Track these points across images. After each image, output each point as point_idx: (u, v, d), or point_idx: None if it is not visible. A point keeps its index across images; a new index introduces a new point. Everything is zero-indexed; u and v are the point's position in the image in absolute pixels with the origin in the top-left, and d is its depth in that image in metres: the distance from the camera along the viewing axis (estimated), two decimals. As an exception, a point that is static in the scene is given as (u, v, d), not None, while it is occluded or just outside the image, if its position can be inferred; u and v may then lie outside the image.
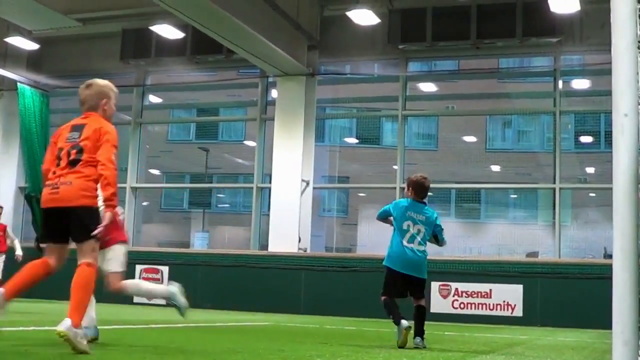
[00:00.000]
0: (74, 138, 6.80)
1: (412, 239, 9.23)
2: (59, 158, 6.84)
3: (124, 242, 8.37)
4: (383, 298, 9.44)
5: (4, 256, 19.93)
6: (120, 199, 27.65)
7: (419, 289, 9.46)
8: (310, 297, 21.01)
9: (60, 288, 7.86)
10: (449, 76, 24.09)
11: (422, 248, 9.31)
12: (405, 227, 9.24)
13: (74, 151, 6.72)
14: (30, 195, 24.84)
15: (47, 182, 6.79)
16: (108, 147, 6.62)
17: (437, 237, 9.52)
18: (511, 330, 15.95)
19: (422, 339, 9.11)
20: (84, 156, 6.63)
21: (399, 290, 9.40)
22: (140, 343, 8.24)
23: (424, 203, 9.48)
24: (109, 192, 6.49)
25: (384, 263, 9.42)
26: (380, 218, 9.63)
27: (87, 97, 7.07)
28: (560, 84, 21.46)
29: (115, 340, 8.40)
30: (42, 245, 21.20)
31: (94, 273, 6.68)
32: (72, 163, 6.65)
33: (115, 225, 7.19)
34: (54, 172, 6.76)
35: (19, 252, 19.28)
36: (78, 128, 6.85)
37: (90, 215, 6.54)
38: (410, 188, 9.48)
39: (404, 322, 8.97)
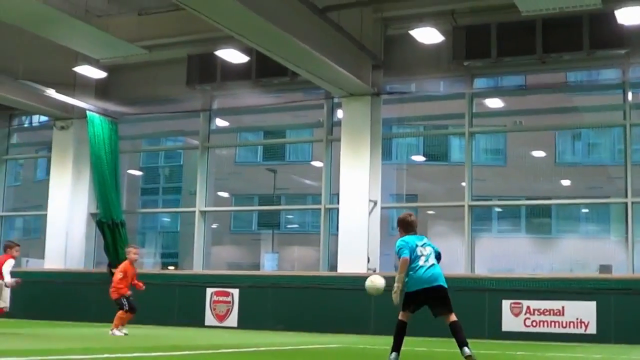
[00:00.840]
0: None
1: (426, 259, 9.98)
2: None
3: None
4: (400, 319, 9.99)
5: None
6: (187, 222, 27.72)
7: (444, 301, 10.00)
8: (380, 318, 20.90)
9: None
10: (516, 92, 23.87)
11: (433, 262, 10.06)
12: (419, 252, 9.99)
13: None
14: (101, 221, 25.14)
15: None
16: None
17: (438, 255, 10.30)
18: (584, 349, 15.71)
19: (469, 347, 9.62)
20: None
21: (419, 304, 9.96)
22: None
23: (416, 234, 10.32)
24: None
25: (406, 291, 9.91)
26: (409, 255, 10.00)
27: None
28: (630, 95, 21.15)
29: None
30: (113, 270, 21.68)
31: None
32: None
33: None
34: None
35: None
36: None
37: None
38: (399, 227, 10.39)
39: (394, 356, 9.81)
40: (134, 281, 17.75)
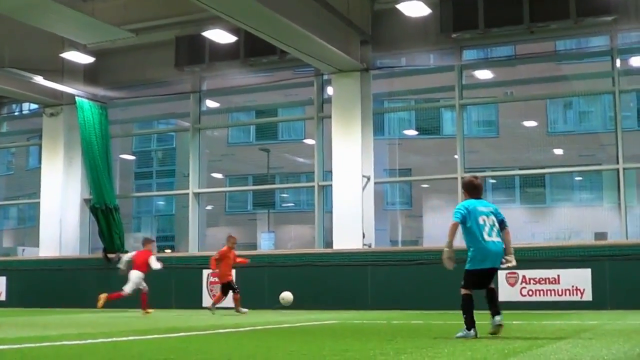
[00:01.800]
0: None
1: (490, 232, 9.50)
2: None
3: None
4: (464, 292, 9.62)
5: None
6: (183, 205, 27.84)
7: (492, 277, 9.72)
8: (377, 293, 20.98)
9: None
10: (506, 62, 23.83)
11: (499, 239, 9.57)
12: (481, 222, 9.50)
13: None
14: (94, 206, 25.14)
15: None
16: None
17: (502, 223, 9.73)
18: (580, 316, 15.76)
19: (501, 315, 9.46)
20: None
21: (480, 284, 9.61)
22: (207, 350, 8.26)
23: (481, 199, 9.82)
24: None
25: (467, 267, 9.54)
26: (460, 220, 9.57)
27: None
28: (618, 62, 21.14)
29: (182, 348, 8.44)
30: (109, 255, 22.10)
31: None
32: None
33: None
34: None
35: None
36: None
37: None
38: (463, 190, 10.00)
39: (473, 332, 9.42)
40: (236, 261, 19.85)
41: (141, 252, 19.85)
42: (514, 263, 9.60)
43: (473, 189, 9.82)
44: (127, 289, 19.38)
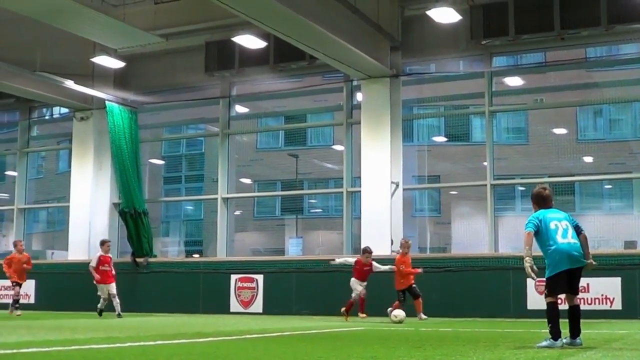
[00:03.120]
0: None
1: (565, 234, 9.40)
2: None
3: None
4: (549, 300, 9.49)
5: None
6: (211, 210, 27.87)
7: (579, 280, 9.59)
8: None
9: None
10: (536, 69, 23.72)
11: (575, 240, 9.45)
12: (553, 226, 9.43)
13: None
14: (124, 211, 25.26)
15: None
16: None
17: (577, 228, 9.69)
18: (610, 325, 15.64)
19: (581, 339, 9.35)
20: None
21: (565, 287, 9.48)
22: (235, 355, 8.26)
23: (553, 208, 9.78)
24: None
25: (547, 275, 9.42)
26: (533, 230, 9.49)
27: None
28: (649, 70, 21.03)
29: (210, 353, 8.44)
30: (137, 259, 22.29)
31: None
32: None
33: None
34: None
35: None
36: None
37: None
38: (534, 203, 9.87)
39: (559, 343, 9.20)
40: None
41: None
42: (595, 263, 9.53)
43: (542, 200, 9.77)
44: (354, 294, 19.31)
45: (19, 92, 25.48)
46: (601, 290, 19.09)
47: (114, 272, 20.46)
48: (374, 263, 19.42)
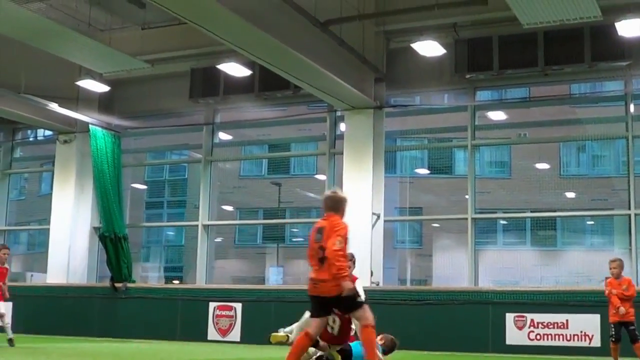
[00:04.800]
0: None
1: None
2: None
3: None
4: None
5: None
6: (192, 236, 27.68)
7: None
8: (383, 332, 20.81)
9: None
10: (519, 104, 23.83)
11: None
12: None
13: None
14: (104, 235, 25.15)
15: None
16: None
17: None
18: (588, 362, 15.64)
19: None
20: None
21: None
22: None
23: None
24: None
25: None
26: None
27: None
28: (632, 107, 21.14)
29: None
30: (116, 284, 21.89)
31: None
32: None
33: None
34: None
35: None
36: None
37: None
38: None
39: None
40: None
41: None
42: None
43: None
44: None
45: (3, 113, 25.38)
46: (580, 327, 19.06)
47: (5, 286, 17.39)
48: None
